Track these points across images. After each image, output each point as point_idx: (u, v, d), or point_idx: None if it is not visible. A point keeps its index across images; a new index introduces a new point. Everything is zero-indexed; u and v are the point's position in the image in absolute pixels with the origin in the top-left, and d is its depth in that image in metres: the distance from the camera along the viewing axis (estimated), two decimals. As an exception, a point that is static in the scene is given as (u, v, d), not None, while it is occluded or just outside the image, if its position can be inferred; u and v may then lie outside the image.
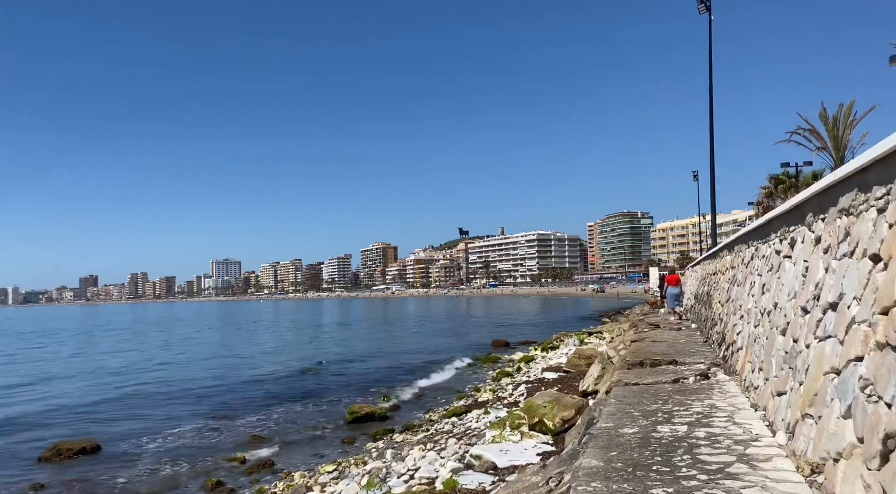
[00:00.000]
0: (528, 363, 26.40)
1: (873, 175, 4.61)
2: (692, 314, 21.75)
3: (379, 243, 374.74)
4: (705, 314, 16.48)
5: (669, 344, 14.15)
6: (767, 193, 40.83)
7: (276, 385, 26.07)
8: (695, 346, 13.71)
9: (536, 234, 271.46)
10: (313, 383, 26.57)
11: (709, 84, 26.97)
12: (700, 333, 16.48)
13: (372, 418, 17.36)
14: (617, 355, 16.08)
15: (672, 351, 12.76)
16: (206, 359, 38.42)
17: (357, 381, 26.59)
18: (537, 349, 31.49)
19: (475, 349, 37.18)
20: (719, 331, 12.47)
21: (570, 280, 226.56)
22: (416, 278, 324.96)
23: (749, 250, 10.46)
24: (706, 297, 17.30)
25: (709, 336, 14.38)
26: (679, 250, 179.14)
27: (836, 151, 27.41)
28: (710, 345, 13.77)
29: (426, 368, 29.40)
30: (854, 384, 4.23)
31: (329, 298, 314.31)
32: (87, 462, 14.43)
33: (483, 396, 19.02)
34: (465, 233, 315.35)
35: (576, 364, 19.58)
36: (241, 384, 26.93)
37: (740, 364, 9.02)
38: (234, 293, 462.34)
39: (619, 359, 14.85)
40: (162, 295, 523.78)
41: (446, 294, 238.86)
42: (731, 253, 13.50)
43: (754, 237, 10.13)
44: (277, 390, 24.82)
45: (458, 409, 16.52)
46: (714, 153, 26.72)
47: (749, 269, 10.11)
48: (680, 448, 5.58)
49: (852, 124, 27.14)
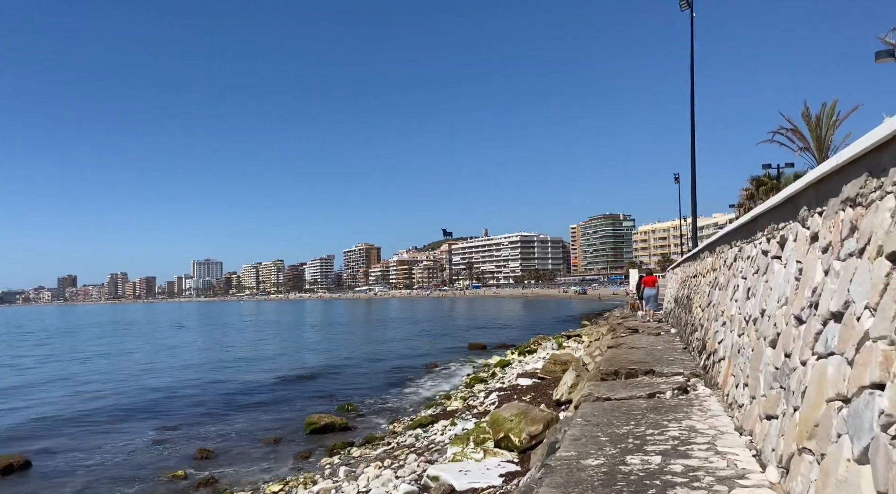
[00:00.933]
0: (503, 368, 25.45)
1: (890, 155, 3.66)
2: (672, 319, 20.92)
3: (362, 244, 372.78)
4: (685, 319, 15.61)
5: (647, 351, 13.24)
6: (749, 195, 40.24)
7: (241, 393, 24.71)
8: (673, 353, 12.82)
9: (520, 235, 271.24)
10: (280, 390, 25.28)
11: (690, 83, 26.25)
12: (679, 339, 15.61)
13: (332, 429, 16.19)
14: (592, 361, 15.17)
15: (649, 359, 11.84)
16: (171, 365, 36.80)
17: (326, 388, 25.33)
18: (514, 352, 30.58)
19: (451, 353, 36.06)
20: (700, 338, 11.58)
21: (552, 282, 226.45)
22: (400, 279, 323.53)
23: (732, 250, 9.56)
24: (686, 301, 16.44)
25: (689, 343, 13.50)
26: (660, 253, 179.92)
27: (819, 151, 26.76)
28: (689, 352, 12.89)
29: (399, 373, 28.23)
30: (871, 420, 3.27)
31: (311, 299, 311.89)
32: (10, 482, 13.16)
33: (453, 404, 18.02)
34: (448, 234, 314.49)
35: (551, 371, 18.64)
36: (203, 392, 25.47)
37: (722, 377, 8.10)
38: (216, 294, 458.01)
39: (594, 367, 13.92)
40: (142, 296, 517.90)
41: (429, 295, 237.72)
42: (712, 254, 12.63)
43: (738, 237, 9.24)
44: (241, 398, 23.51)
45: (424, 419, 15.48)
46: (695, 152, 25.99)
47: (732, 271, 9.21)
48: (651, 489, 4.61)
49: (835, 124, 26.52)
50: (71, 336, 73.11)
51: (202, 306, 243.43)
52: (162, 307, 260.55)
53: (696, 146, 26.10)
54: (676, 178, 67.67)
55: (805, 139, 27.24)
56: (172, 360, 39.69)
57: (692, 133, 25.74)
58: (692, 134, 25.69)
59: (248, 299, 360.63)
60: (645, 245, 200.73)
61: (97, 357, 43.62)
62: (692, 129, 25.74)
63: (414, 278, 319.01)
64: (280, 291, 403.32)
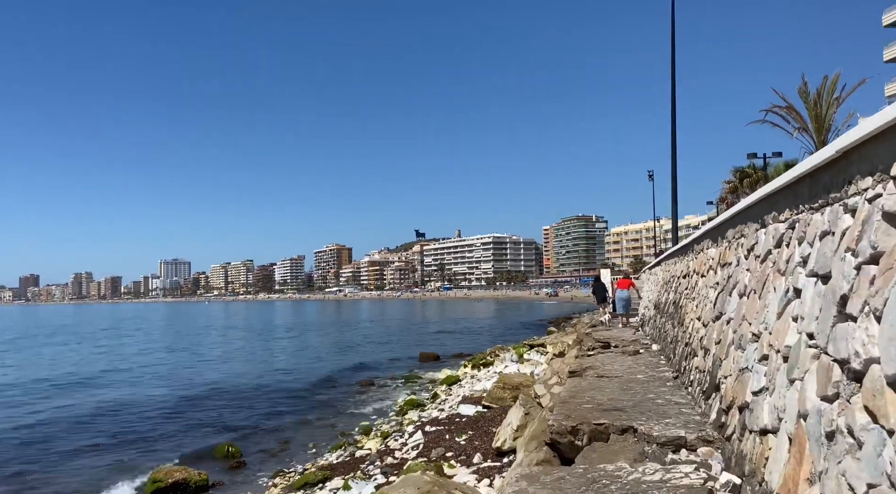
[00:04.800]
0: (450, 387, 21.43)
1: None
2: (651, 329, 17.00)
3: (333, 245, 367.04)
4: (672, 334, 11.65)
5: (623, 383, 9.22)
6: (731, 188, 36.76)
7: (110, 421, 19.76)
8: (661, 388, 8.82)
9: (492, 237, 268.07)
10: (163, 414, 20.17)
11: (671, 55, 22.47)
12: (665, 360, 11.65)
13: (184, 490, 11.89)
14: (548, 392, 11.11)
15: (627, 400, 7.82)
16: (39, 378, 31.39)
17: (224, 413, 20.57)
18: (468, 364, 26.55)
19: (398, 365, 31.69)
20: (704, 369, 7.59)
21: (525, 284, 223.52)
22: (371, 280, 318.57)
23: (770, 230, 5.59)
24: (673, 308, 12.49)
25: (681, 370, 9.53)
26: (633, 255, 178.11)
27: (819, 132, 23.16)
28: (683, 384, 8.93)
29: (324, 392, 23.79)
30: None
31: (280, 299, 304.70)
32: None
33: (368, 445, 13.87)
34: (421, 235, 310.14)
35: (498, 398, 14.56)
36: (70, 422, 20.22)
37: (778, 477, 4.05)
38: (183, 294, 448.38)
39: (547, 402, 9.87)
40: (107, 296, 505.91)
41: (400, 297, 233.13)
42: (717, 244, 8.67)
43: (783, 205, 5.27)
44: (105, 427, 18.72)
45: (312, 477, 11.22)
46: (675, 131, 22.23)
47: (776, 264, 5.23)
48: None
49: (838, 101, 22.96)
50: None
51: (168, 307, 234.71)
52: (125, 308, 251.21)
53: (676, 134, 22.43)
54: (650, 175, 64.98)
55: (802, 119, 23.63)
56: (48, 371, 34.26)
57: (672, 108, 22.01)
58: (672, 109, 21.97)
59: (215, 300, 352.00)
60: (617, 247, 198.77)
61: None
62: (672, 103, 22.02)
63: (385, 280, 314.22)
64: (249, 291, 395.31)
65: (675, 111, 22.07)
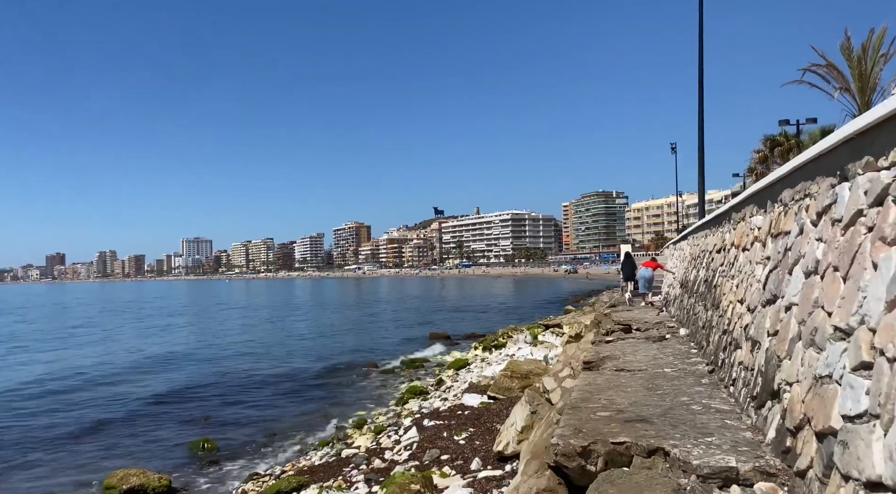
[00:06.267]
0: (457, 371, 19.98)
1: None
2: (677, 310, 15.36)
3: (352, 223, 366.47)
4: (705, 317, 10.03)
5: (647, 380, 7.64)
6: (761, 157, 34.54)
7: (83, 410, 18.58)
8: (695, 387, 7.23)
9: (511, 214, 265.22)
10: (149, 404, 19.14)
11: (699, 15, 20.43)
12: (697, 348, 10.05)
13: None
14: (558, 386, 9.57)
15: (653, 406, 6.26)
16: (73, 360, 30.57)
17: (212, 403, 19.07)
18: (479, 346, 25.08)
19: (407, 346, 30.29)
20: (750, 366, 6.00)
21: (544, 260, 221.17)
22: (389, 257, 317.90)
23: (861, 183, 3.95)
24: (705, 288, 10.84)
25: (717, 363, 7.94)
26: (654, 231, 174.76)
27: (862, 93, 21.06)
28: (722, 383, 7.35)
29: (325, 377, 22.38)
30: None
31: (300, 277, 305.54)
32: None
33: (358, 442, 12.48)
34: (440, 212, 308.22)
35: (505, 388, 13.06)
36: (46, 409, 19.10)
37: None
38: (205, 273, 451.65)
39: (555, 410, 8.40)
40: (131, 274, 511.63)
41: (418, 274, 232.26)
42: (766, 210, 7.00)
43: (884, 143, 3.64)
44: (70, 419, 17.47)
45: (284, 485, 9.71)
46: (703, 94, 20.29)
47: (872, 232, 3.61)
48: None
49: (885, 58, 20.84)
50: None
51: (190, 285, 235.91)
52: (150, 286, 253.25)
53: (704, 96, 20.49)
54: (673, 147, 62.82)
55: (844, 78, 21.53)
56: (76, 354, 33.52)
57: (700, 66, 20.05)
58: (700, 67, 20.01)
59: (236, 278, 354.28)
60: (638, 223, 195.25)
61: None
62: (700, 61, 20.06)
63: (404, 257, 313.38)
64: (269, 269, 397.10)
65: (702, 70, 20.12)
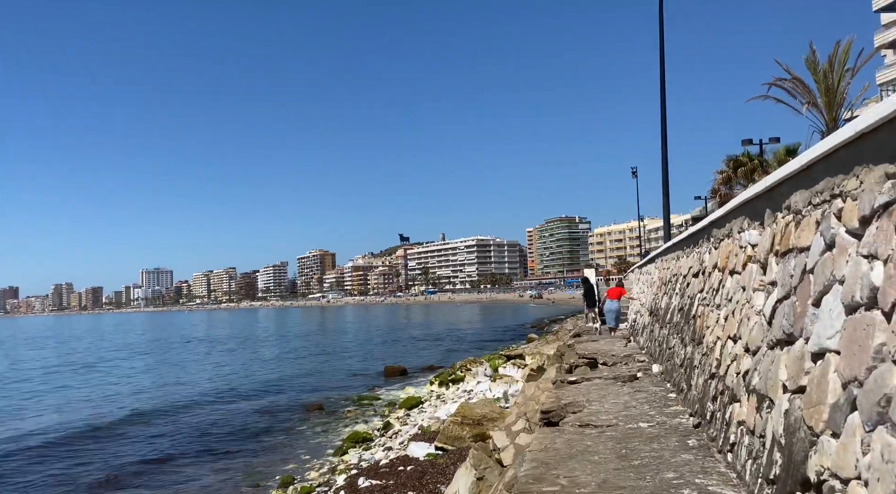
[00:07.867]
0: (409, 412, 18.14)
1: None
2: (646, 341, 13.81)
3: (316, 250, 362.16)
4: (683, 354, 8.44)
5: (619, 442, 5.96)
6: (724, 178, 33.75)
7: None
8: (681, 452, 5.57)
9: (476, 239, 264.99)
10: (40, 462, 16.69)
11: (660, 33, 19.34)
12: (674, 389, 8.44)
13: None
14: (511, 444, 7.84)
15: (627, 490, 4.56)
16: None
17: (107, 449, 16.70)
18: (435, 381, 23.26)
19: (358, 382, 28.06)
20: (756, 430, 4.37)
21: (509, 286, 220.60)
22: (355, 285, 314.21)
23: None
24: (679, 317, 9.28)
25: (703, 413, 6.32)
26: (617, 255, 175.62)
27: (829, 108, 20.17)
28: (712, 441, 5.72)
29: (258, 420, 19.96)
30: None
31: (262, 307, 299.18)
32: None
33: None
34: (405, 239, 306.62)
35: (455, 437, 11.28)
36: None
37: None
38: (165, 304, 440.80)
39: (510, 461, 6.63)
40: (88, 307, 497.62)
41: (383, 302, 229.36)
42: (764, 222, 5.45)
43: None
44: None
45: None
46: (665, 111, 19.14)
47: None
48: None
49: (852, 72, 20.01)
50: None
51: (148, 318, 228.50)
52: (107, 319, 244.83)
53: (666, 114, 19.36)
54: (634, 171, 62.45)
55: (811, 92, 20.64)
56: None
57: (662, 82, 18.90)
58: (662, 83, 18.86)
59: (197, 309, 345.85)
60: (601, 247, 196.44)
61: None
62: (662, 76, 18.91)
63: (369, 285, 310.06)
64: (232, 299, 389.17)
65: (664, 86, 19.00)
